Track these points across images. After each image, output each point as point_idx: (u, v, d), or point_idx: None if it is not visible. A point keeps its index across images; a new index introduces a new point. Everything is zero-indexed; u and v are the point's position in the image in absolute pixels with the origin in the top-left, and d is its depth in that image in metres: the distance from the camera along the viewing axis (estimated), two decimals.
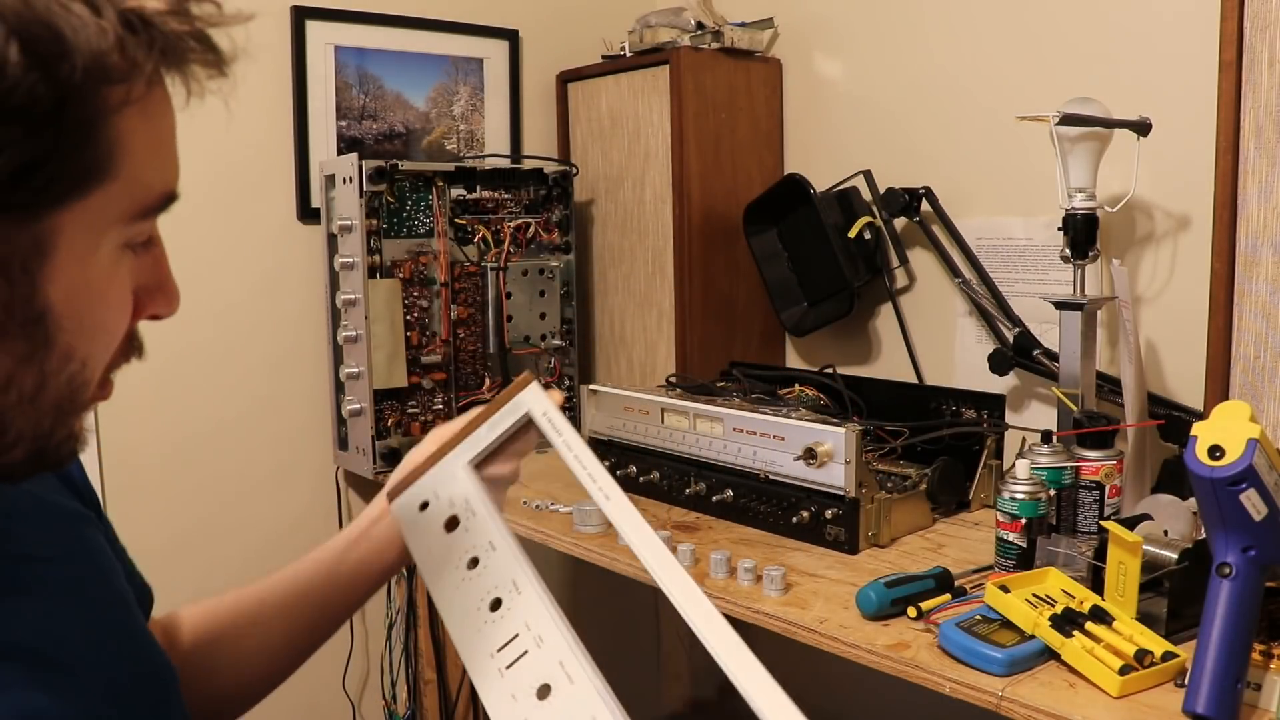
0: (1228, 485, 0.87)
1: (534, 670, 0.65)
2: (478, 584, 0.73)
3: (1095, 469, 1.31)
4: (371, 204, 1.82)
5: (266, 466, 2.01)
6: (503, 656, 0.67)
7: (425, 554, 0.79)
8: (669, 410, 1.61)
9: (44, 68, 0.48)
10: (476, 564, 0.75)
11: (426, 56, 2.10)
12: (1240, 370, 1.27)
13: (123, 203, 0.55)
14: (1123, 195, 1.55)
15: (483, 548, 0.75)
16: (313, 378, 2.02)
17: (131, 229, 0.57)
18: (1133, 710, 0.94)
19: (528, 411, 0.84)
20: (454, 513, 0.79)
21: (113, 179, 0.53)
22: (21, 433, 0.56)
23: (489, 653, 0.68)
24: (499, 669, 0.67)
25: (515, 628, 0.68)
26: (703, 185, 2.03)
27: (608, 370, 2.23)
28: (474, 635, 0.70)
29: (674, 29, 2.04)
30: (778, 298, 2.04)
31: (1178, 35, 1.56)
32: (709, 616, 0.66)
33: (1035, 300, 1.71)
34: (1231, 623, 0.89)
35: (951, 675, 1.02)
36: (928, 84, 1.91)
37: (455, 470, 0.83)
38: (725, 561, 1.29)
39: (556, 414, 0.83)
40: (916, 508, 1.45)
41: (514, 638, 0.68)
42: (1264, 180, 1.23)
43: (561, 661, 0.65)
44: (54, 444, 0.59)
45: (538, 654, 0.66)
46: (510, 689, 0.65)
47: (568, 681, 0.64)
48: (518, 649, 0.67)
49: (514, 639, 0.68)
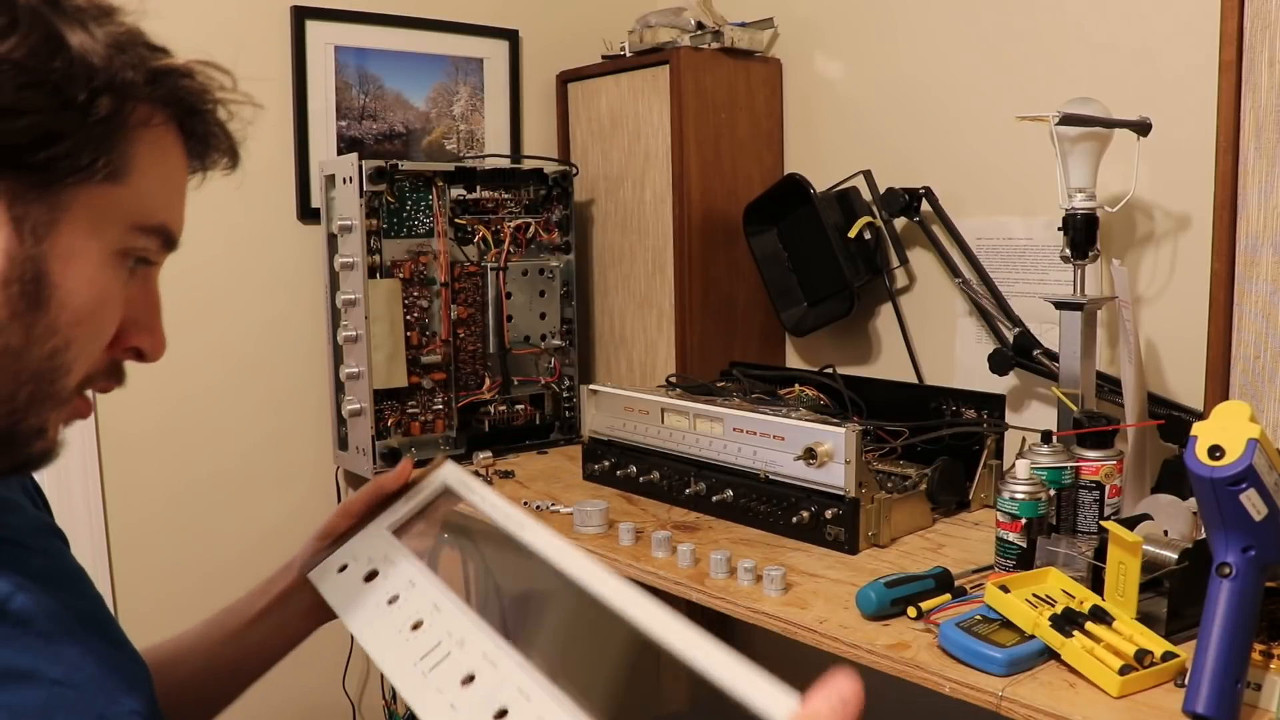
0: (1228, 485, 0.87)
1: (458, 665, 0.70)
2: (399, 614, 0.78)
3: (1095, 469, 1.31)
4: (371, 204, 1.82)
5: (266, 466, 2.01)
6: (426, 662, 0.72)
7: (345, 603, 0.84)
8: (669, 410, 1.61)
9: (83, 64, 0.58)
10: (397, 599, 0.79)
11: (426, 56, 2.10)
12: (1240, 370, 1.27)
13: (126, 210, 0.63)
14: (1123, 195, 1.55)
15: (402, 586, 0.80)
16: (313, 378, 2.02)
17: (130, 237, 0.64)
18: (1133, 710, 0.94)
19: (444, 482, 0.91)
20: (373, 567, 0.84)
21: (122, 185, 0.62)
22: (2, 394, 0.60)
23: (413, 662, 0.73)
24: (423, 672, 0.72)
25: (438, 637, 0.73)
26: (703, 185, 2.03)
27: (608, 370, 2.23)
28: (398, 653, 0.74)
29: (674, 29, 2.04)
30: (778, 298, 2.04)
31: (1178, 35, 1.56)
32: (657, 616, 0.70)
33: (1035, 300, 1.72)
34: (1231, 623, 0.89)
35: (951, 675, 1.02)
36: (928, 84, 1.91)
37: (374, 537, 0.88)
38: (725, 561, 1.29)
39: (470, 478, 0.89)
40: (916, 508, 1.45)
41: (436, 645, 0.73)
42: (1264, 180, 1.23)
43: (485, 653, 0.70)
44: (24, 429, 0.62)
45: (460, 653, 0.71)
46: (435, 684, 0.70)
47: (491, 667, 0.68)
48: (440, 654, 0.72)
49: (436, 646, 0.72)
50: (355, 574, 0.85)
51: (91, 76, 0.59)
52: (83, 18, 0.60)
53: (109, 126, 0.61)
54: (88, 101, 0.59)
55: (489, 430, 1.99)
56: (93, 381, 0.67)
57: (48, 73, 0.58)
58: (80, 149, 0.60)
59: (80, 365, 0.64)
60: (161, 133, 0.65)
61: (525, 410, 2.05)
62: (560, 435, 2.07)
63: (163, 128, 0.65)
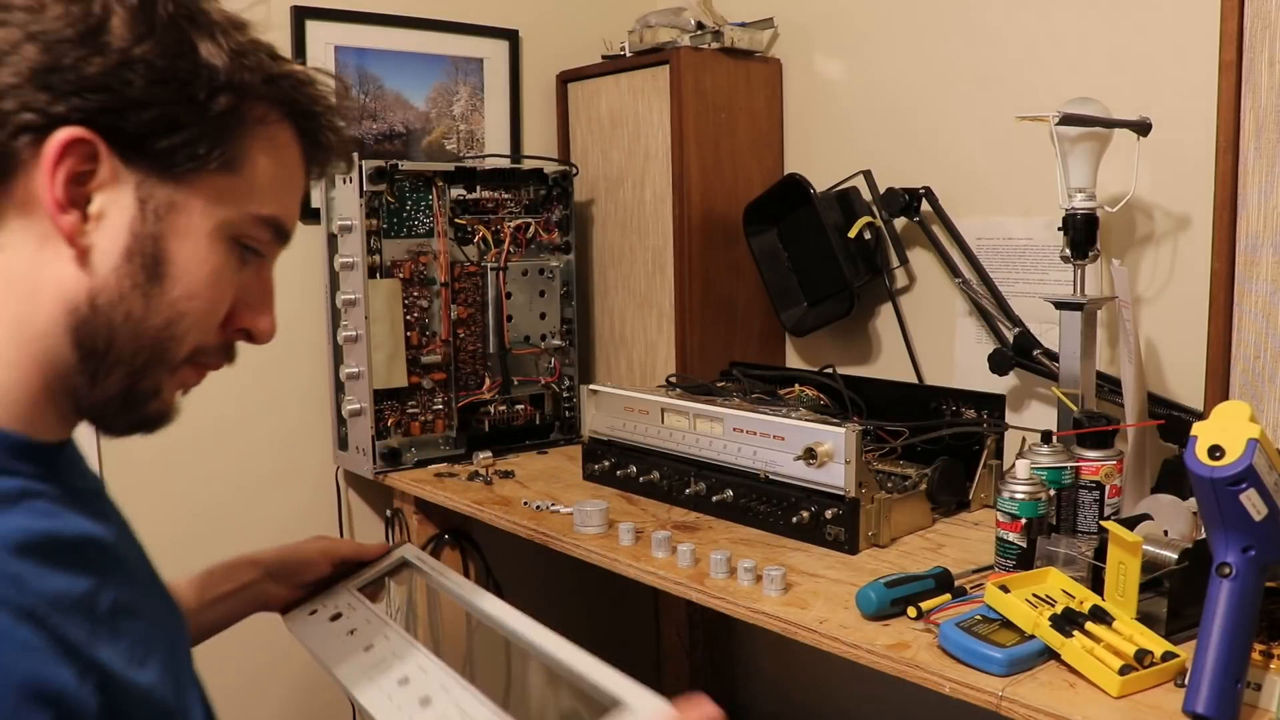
0: (1228, 485, 0.87)
1: (415, 689, 0.89)
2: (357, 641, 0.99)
3: (1095, 469, 1.31)
4: (371, 204, 1.82)
5: (266, 466, 2.01)
6: (388, 686, 0.91)
7: (312, 637, 1.05)
8: (669, 410, 1.61)
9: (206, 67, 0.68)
10: (355, 633, 1.01)
11: (426, 56, 2.10)
12: (1240, 370, 1.27)
13: (239, 198, 0.72)
14: (1123, 195, 1.55)
15: (358, 621, 1.03)
16: (313, 378, 2.02)
17: (241, 224, 0.72)
18: (1133, 710, 0.94)
19: (402, 555, 1.13)
20: (337, 610, 1.06)
21: (236, 175, 0.71)
22: (120, 355, 0.70)
23: (382, 690, 0.91)
24: (387, 695, 0.90)
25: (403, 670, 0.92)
26: (703, 185, 2.03)
27: (608, 370, 2.23)
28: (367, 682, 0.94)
29: (674, 29, 2.04)
30: (778, 298, 2.04)
31: (1178, 35, 1.56)
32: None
33: (1035, 300, 1.71)
34: (1231, 623, 0.89)
35: (951, 675, 1.02)
36: (927, 84, 1.91)
37: (343, 592, 1.10)
38: (725, 561, 1.29)
39: (426, 556, 1.13)
40: (916, 508, 1.45)
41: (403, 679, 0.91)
42: (1264, 180, 1.23)
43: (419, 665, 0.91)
44: (141, 390, 0.72)
45: (421, 679, 0.90)
46: (398, 704, 0.88)
47: (422, 673, 0.90)
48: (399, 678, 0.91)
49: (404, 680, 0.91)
50: (322, 616, 1.07)
51: (213, 78, 0.68)
52: (213, 29, 0.69)
53: (226, 121, 0.69)
54: (208, 98, 0.68)
55: (489, 430, 1.99)
56: (205, 355, 0.76)
57: (175, 72, 0.67)
58: (198, 140, 0.68)
59: (191, 337, 0.72)
60: (276, 131, 0.73)
61: (525, 410, 2.05)
62: (560, 435, 2.07)
63: (278, 126, 0.73)
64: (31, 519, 0.65)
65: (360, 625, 1.02)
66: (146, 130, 0.67)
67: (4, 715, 0.57)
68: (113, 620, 0.68)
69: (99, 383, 0.70)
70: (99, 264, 0.68)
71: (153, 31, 0.66)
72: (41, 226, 0.67)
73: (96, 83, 0.65)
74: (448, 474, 1.85)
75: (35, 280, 0.68)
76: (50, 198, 0.66)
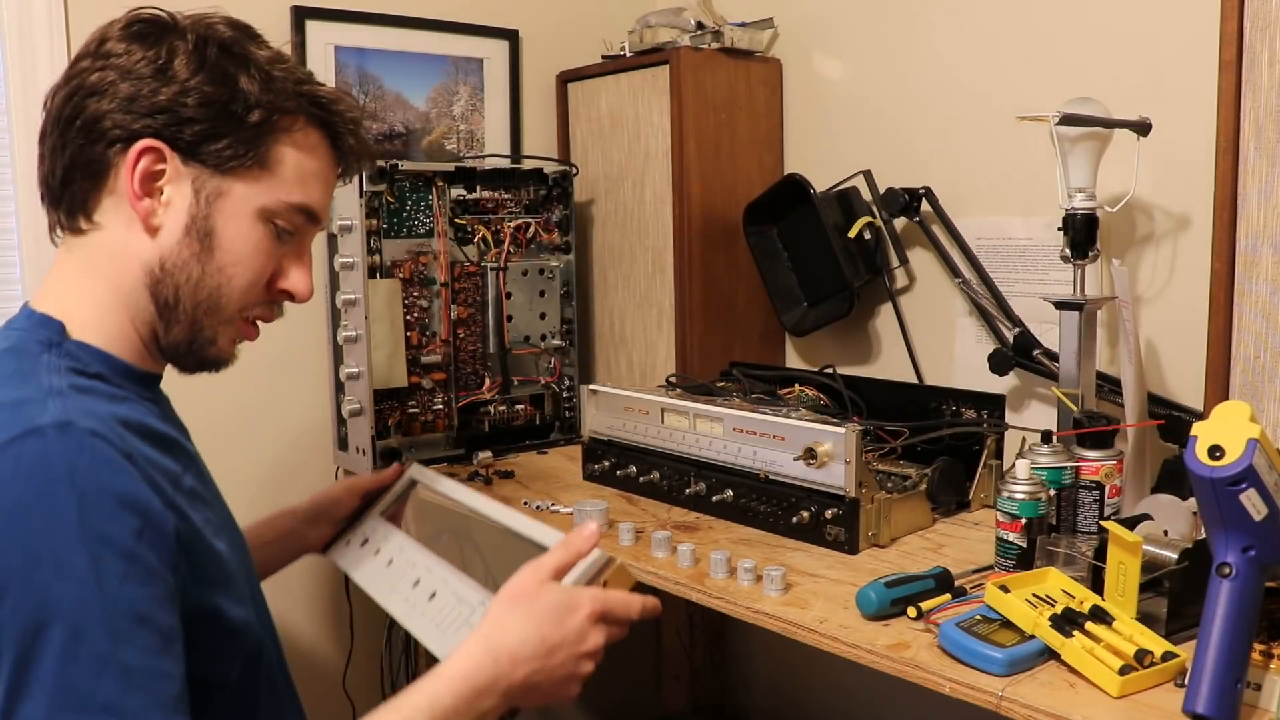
0: (1228, 485, 0.87)
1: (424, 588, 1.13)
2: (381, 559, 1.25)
3: (1095, 469, 1.31)
4: (371, 204, 1.82)
5: (266, 466, 2.01)
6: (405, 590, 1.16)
7: (348, 563, 1.30)
8: (669, 410, 1.61)
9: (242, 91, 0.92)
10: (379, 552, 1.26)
11: (426, 56, 2.10)
12: (1240, 370, 1.27)
13: (271, 189, 0.95)
14: (1123, 195, 1.55)
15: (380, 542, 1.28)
16: (313, 378, 2.02)
17: (275, 209, 0.95)
18: (1133, 710, 0.94)
19: (411, 476, 1.36)
20: (365, 537, 1.31)
21: (269, 171, 0.94)
22: (185, 307, 0.94)
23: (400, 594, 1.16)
24: (403, 597, 1.15)
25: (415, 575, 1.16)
26: (703, 185, 2.03)
27: (608, 370, 2.23)
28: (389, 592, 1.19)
29: (674, 29, 2.04)
30: (778, 298, 2.04)
31: (1178, 35, 1.56)
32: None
33: (1035, 300, 1.71)
34: (1231, 623, 0.89)
35: (951, 675, 1.02)
36: (928, 84, 1.91)
37: (372, 520, 1.33)
38: (725, 561, 1.29)
39: (430, 472, 1.34)
40: (916, 508, 1.45)
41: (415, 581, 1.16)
42: (1264, 180, 1.23)
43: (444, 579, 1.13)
44: (201, 338, 0.96)
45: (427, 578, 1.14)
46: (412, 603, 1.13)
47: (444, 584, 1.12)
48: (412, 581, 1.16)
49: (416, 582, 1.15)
50: (355, 543, 1.31)
51: (247, 99, 0.91)
52: (248, 64, 0.92)
53: (259, 130, 0.92)
54: (244, 114, 0.91)
55: (489, 430, 1.99)
56: (254, 311, 1.00)
57: (218, 96, 0.91)
58: (237, 145, 0.92)
59: (239, 295, 0.96)
60: (306, 136, 0.96)
61: (525, 410, 2.05)
62: (560, 435, 2.07)
63: (306, 132, 0.96)
64: (132, 411, 0.89)
65: (382, 545, 1.26)
66: (199, 139, 0.91)
67: (106, 514, 0.78)
68: (191, 498, 0.90)
69: (171, 328, 0.95)
70: (166, 238, 0.93)
71: (203, 68, 0.91)
72: (127, 211, 0.92)
73: (163, 107, 0.90)
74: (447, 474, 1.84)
75: (125, 250, 0.93)
76: (130, 190, 0.91)
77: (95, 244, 0.94)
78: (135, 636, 0.78)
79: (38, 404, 0.82)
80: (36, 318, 0.93)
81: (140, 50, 0.91)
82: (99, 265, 0.94)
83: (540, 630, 0.94)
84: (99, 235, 0.94)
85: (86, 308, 0.93)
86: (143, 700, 0.77)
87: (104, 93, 0.90)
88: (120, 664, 0.76)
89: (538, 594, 0.96)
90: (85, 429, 0.80)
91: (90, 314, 0.93)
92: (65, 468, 0.78)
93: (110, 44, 0.92)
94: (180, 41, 0.91)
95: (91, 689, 0.75)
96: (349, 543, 1.32)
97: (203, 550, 0.89)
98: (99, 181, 0.92)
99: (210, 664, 0.89)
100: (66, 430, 0.80)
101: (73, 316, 0.93)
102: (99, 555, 0.77)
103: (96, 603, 0.76)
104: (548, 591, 0.96)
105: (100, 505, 0.78)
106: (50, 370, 0.87)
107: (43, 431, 0.79)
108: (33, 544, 0.76)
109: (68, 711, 0.75)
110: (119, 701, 0.76)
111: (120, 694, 0.76)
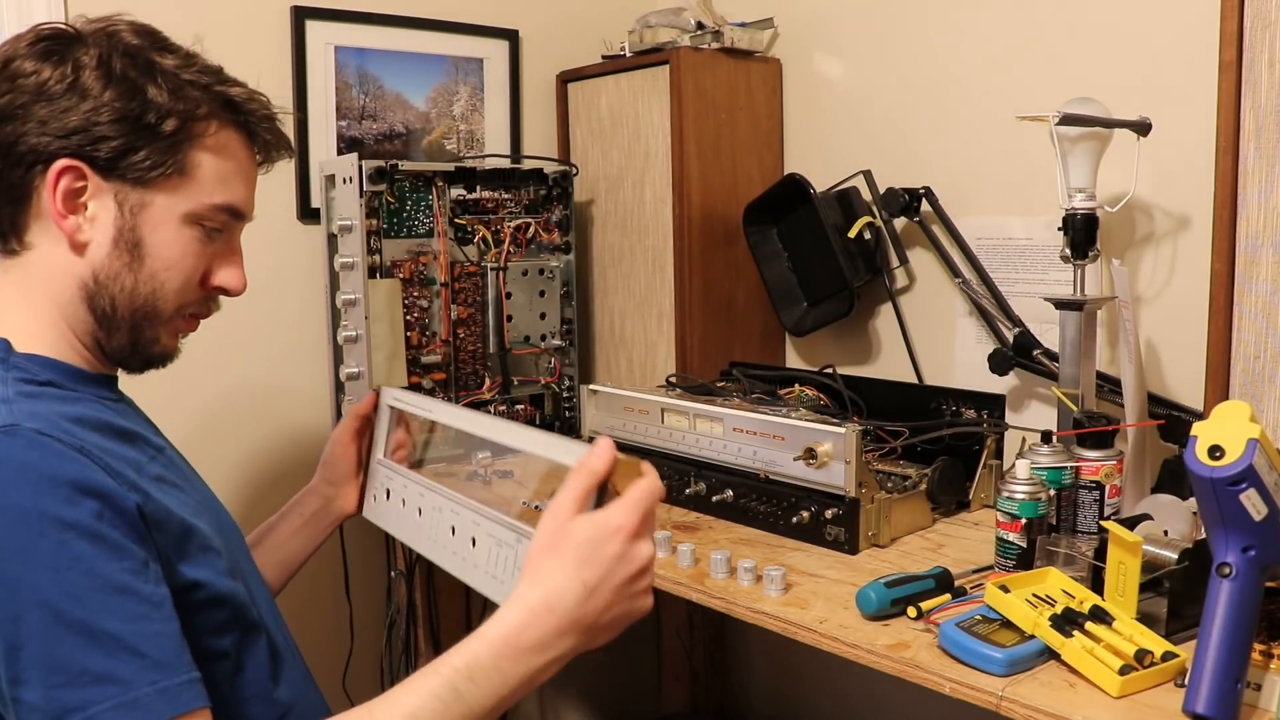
0: (1228, 485, 0.87)
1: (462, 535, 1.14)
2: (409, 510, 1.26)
3: (1095, 469, 1.31)
4: (371, 204, 1.82)
5: (267, 466, 2.01)
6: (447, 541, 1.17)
7: (385, 521, 1.33)
8: (669, 410, 1.61)
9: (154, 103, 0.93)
10: (405, 503, 1.27)
11: (426, 56, 2.10)
12: (1240, 370, 1.27)
13: (193, 194, 0.97)
14: (1123, 195, 1.55)
15: (401, 490, 1.29)
16: (313, 378, 2.02)
17: (198, 212, 0.97)
18: (1133, 710, 0.94)
19: (387, 404, 1.37)
20: (386, 488, 1.33)
21: (189, 180, 0.96)
22: (122, 315, 0.97)
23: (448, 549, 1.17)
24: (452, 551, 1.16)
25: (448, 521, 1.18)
26: (703, 185, 2.03)
27: (608, 370, 2.23)
28: (438, 548, 1.19)
29: (674, 29, 2.04)
30: (778, 298, 2.04)
31: (1178, 35, 1.56)
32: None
33: (1035, 300, 1.71)
34: (1231, 623, 0.89)
35: (951, 675, 1.02)
36: (928, 84, 1.91)
37: (377, 470, 1.36)
38: (725, 561, 1.29)
39: (401, 391, 1.37)
40: (916, 508, 1.45)
41: (452, 529, 1.17)
42: (1264, 180, 1.23)
43: (475, 521, 1.13)
44: (144, 339, 0.99)
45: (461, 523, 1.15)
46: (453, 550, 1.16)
47: (476, 526, 1.12)
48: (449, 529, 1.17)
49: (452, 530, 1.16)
50: (381, 499, 1.34)
51: (159, 109, 0.93)
52: (155, 74, 0.94)
53: (174, 139, 0.94)
54: (157, 124, 0.93)
55: None
56: (191, 308, 1.02)
57: (129, 110, 0.92)
58: (152, 156, 0.94)
59: (174, 297, 0.99)
60: (220, 138, 0.98)
61: (525, 410, 2.05)
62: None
63: (223, 134, 0.98)
64: (86, 410, 0.92)
65: (405, 494, 1.28)
66: (115, 155, 0.92)
67: (63, 500, 0.81)
68: (159, 482, 0.93)
69: (112, 336, 0.97)
70: (96, 252, 0.95)
71: (110, 82, 0.92)
72: (55, 230, 0.94)
73: (77, 127, 0.91)
74: (447, 474, 1.84)
75: (57, 267, 0.95)
76: (54, 209, 0.93)
77: (29, 264, 0.96)
78: (115, 607, 0.80)
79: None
80: None
81: (49, 69, 0.92)
82: (35, 283, 0.96)
83: (580, 574, 0.88)
84: (31, 255, 0.96)
85: (29, 323, 0.96)
86: (137, 664, 0.79)
87: (16, 117, 0.91)
88: (105, 634, 0.79)
89: (565, 537, 0.89)
90: (31, 429, 0.83)
91: (34, 328, 0.96)
92: (16, 465, 0.81)
93: (17, 64, 0.93)
94: (85, 55, 0.92)
95: (81, 663, 0.78)
96: (375, 498, 1.35)
97: (176, 527, 0.90)
98: (23, 204, 0.94)
99: (203, 635, 0.91)
100: (13, 432, 0.83)
101: (17, 332, 0.95)
102: (63, 539, 0.79)
103: (69, 583, 0.79)
104: (574, 530, 0.89)
105: (56, 494, 0.81)
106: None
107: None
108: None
109: (63, 689, 0.77)
110: (111, 670, 0.78)
111: (111, 663, 0.78)
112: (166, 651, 0.82)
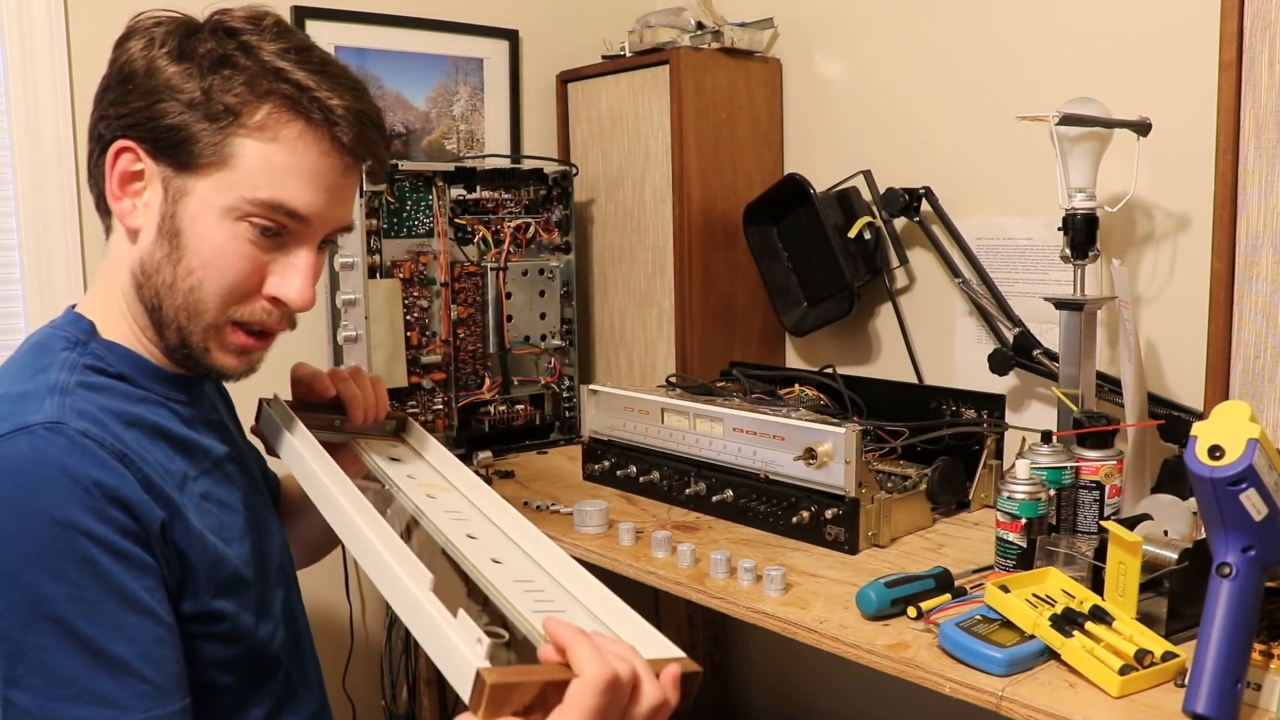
0: (1228, 485, 0.87)
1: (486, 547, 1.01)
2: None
3: (1095, 469, 1.31)
4: (371, 204, 1.82)
5: None
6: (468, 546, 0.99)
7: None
8: (669, 410, 1.61)
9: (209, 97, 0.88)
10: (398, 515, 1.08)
11: (426, 56, 2.10)
12: (1240, 370, 1.27)
13: (233, 186, 0.89)
14: (1123, 195, 1.55)
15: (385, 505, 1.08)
16: None
17: (241, 206, 0.89)
18: (1133, 710, 0.94)
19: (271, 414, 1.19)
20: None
21: (229, 169, 0.89)
22: (167, 313, 0.92)
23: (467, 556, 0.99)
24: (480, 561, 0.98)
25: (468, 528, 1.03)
26: (703, 185, 2.03)
27: (608, 370, 2.23)
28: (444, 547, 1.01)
29: (674, 29, 2.04)
30: (778, 298, 2.04)
31: (1178, 35, 1.56)
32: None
33: (1035, 300, 1.71)
34: (1231, 623, 0.89)
35: (951, 675, 1.02)
36: (927, 84, 1.91)
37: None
38: (725, 561, 1.29)
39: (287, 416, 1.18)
40: (916, 508, 1.45)
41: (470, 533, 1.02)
42: (1264, 180, 1.23)
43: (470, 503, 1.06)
44: (194, 345, 0.93)
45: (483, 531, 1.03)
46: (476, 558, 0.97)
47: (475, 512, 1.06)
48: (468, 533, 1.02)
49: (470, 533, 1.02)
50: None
51: (208, 99, 0.88)
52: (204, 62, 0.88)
53: (221, 127, 0.88)
54: (205, 112, 0.88)
55: (489, 430, 1.99)
56: (244, 316, 0.93)
57: (178, 95, 0.88)
58: (197, 142, 0.88)
59: (216, 299, 0.91)
60: (274, 128, 0.89)
61: (525, 410, 2.05)
62: (560, 435, 2.07)
63: (279, 123, 0.89)
64: (148, 411, 0.91)
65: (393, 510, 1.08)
66: (164, 137, 0.89)
67: (94, 511, 0.79)
68: (202, 500, 0.91)
69: (163, 332, 0.93)
70: (144, 240, 0.92)
71: (173, 62, 0.89)
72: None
73: (134, 108, 0.89)
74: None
75: (119, 254, 0.94)
76: (109, 189, 0.92)
77: (110, 248, 0.97)
78: (126, 628, 0.80)
79: (35, 401, 0.84)
80: (71, 316, 0.96)
81: (122, 53, 0.92)
82: (111, 269, 0.96)
83: None
84: (111, 239, 0.97)
85: (110, 309, 0.96)
86: (138, 689, 0.79)
87: (99, 99, 0.93)
88: (113, 657, 0.79)
89: None
90: (76, 429, 0.82)
91: (113, 315, 0.95)
92: (53, 469, 0.80)
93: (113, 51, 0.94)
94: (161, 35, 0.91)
95: (84, 681, 0.78)
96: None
97: (202, 552, 0.88)
98: (101, 185, 0.94)
99: (209, 668, 0.90)
100: (56, 430, 0.81)
101: (104, 317, 0.95)
102: (88, 551, 0.79)
103: (87, 600, 0.78)
104: None
105: (87, 503, 0.79)
106: (63, 367, 0.89)
107: (33, 430, 0.81)
108: (22, 541, 0.78)
109: (60, 703, 0.77)
110: (110, 692, 0.78)
111: (112, 685, 0.78)
112: (168, 677, 0.82)
